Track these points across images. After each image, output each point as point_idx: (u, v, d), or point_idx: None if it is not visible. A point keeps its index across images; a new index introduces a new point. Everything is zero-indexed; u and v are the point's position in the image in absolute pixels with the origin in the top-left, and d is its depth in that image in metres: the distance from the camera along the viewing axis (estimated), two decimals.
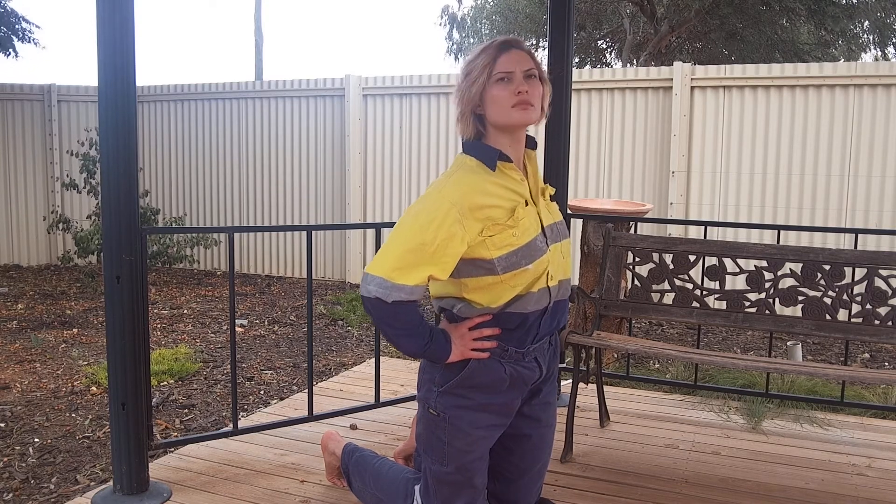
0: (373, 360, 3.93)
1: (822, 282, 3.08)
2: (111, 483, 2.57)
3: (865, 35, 14.18)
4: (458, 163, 1.83)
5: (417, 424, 1.96)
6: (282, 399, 3.94)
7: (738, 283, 3.61)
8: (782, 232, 4.34)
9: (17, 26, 8.23)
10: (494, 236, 1.74)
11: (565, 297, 1.92)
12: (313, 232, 3.06)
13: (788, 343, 4.92)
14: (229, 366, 3.74)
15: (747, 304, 3.19)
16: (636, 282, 3.37)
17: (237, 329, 5.62)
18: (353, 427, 3.25)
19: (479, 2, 17.29)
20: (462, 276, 1.79)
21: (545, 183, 1.97)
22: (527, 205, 1.81)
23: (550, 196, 1.96)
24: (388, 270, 1.71)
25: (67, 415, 3.77)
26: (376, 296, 1.72)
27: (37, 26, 8.48)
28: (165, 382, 4.31)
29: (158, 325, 5.74)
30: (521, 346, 1.84)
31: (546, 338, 1.90)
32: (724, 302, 3.24)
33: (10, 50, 8.28)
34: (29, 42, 8.37)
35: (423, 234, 1.70)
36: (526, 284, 1.79)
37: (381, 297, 1.71)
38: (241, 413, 3.66)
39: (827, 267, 3.07)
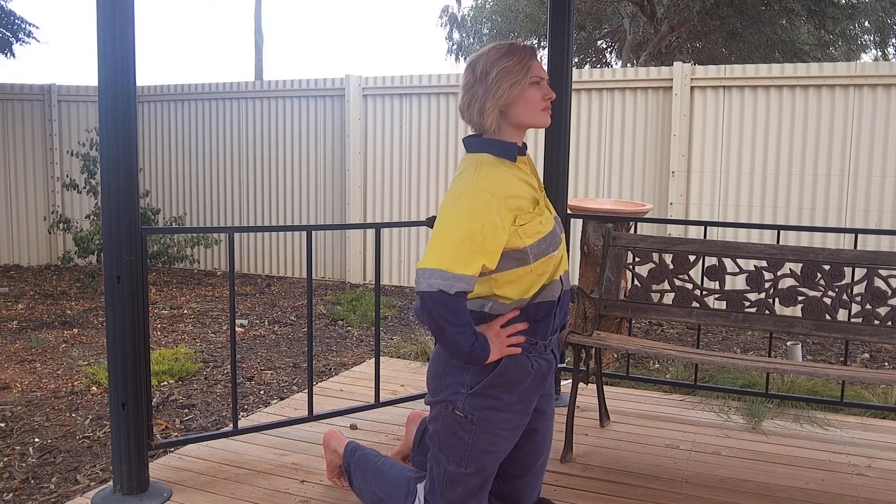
0: (373, 360, 3.93)
1: (822, 282, 3.08)
2: (111, 483, 2.57)
3: (865, 35, 14.18)
4: (476, 161, 1.84)
5: (431, 424, 1.96)
6: (282, 399, 3.94)
7: (737, 283, 3.61)
8: (782, 232, 4.34)
9: (15, 27, 8.22)
10: (525, 225, 1.79)
11: (568, 289, 2.00)
12: (313, 232, 3.06)
13: (788, 343, 4.92)
14: (229, 366, 3.74)
15: (747, 304, 3.19)
16: (636, 282, 3.37)
17: (237, 329, 5.62)
18: (354, 427, 3.25)
19: (479, 2, 17.29)
20: (494, 271, 1.82)
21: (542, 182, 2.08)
22: None
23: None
24: (447, 262, 1.71)
25: (67, 415, 3.77)
26: (440, 288, 1.71)
27: (35, 26, 8.49)
28: (165, 382, 4.31)
29: (158, 325, 5.74)
30: (545, 338, 1.91)
31: (559, 329, 1.98)
32: (724, 302, 3.24)
33: (8, 51, 8.27)
34: (28, 41, 8.36)
35: (470, 224, 1.73)
36: (550, 273, 1.86)
37: (445, 288, 1.70)
38: (242, 413, 3.66)
39: (827, 267, 3.07)
